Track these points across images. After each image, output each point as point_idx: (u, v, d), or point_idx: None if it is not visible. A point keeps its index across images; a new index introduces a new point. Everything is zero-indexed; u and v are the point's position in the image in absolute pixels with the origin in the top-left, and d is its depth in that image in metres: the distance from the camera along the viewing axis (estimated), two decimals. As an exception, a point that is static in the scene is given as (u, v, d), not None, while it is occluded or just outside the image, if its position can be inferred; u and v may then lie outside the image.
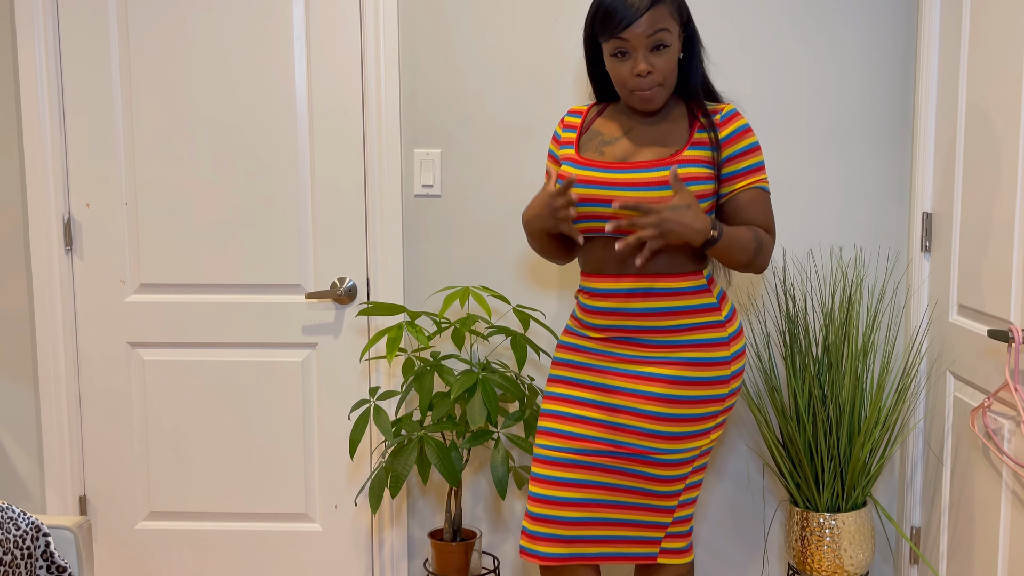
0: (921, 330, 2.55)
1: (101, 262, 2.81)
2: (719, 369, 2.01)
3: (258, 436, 2.84)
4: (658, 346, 2.00)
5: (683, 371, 1.99)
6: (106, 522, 2.89)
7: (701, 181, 1.97)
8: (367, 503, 2.83)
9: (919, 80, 2.54)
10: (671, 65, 1.96)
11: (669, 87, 1.99)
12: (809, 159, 2.65)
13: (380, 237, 2.74)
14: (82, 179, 2.79)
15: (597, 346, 2.05)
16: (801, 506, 2.49)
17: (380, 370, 2.79)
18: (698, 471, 2.10)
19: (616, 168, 1.98)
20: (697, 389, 2.00)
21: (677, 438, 2.00)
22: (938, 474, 2.47)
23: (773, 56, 2.63)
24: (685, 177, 1.95)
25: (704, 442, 2.05)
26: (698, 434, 2.03)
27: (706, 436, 2.05)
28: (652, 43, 1.92)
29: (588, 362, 2.06)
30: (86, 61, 2.74)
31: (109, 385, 2.85)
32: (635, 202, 1.84)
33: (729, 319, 2.05)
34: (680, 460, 2.03)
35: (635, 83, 1.95)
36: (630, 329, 2.01)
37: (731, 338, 2.03)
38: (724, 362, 2.02)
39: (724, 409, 2.05)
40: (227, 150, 2.75)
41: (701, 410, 2.01)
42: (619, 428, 2.01)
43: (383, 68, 2.68)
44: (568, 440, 2.04)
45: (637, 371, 2.01)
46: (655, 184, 1.94)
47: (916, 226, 2.58)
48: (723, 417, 2.07)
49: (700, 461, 2.09)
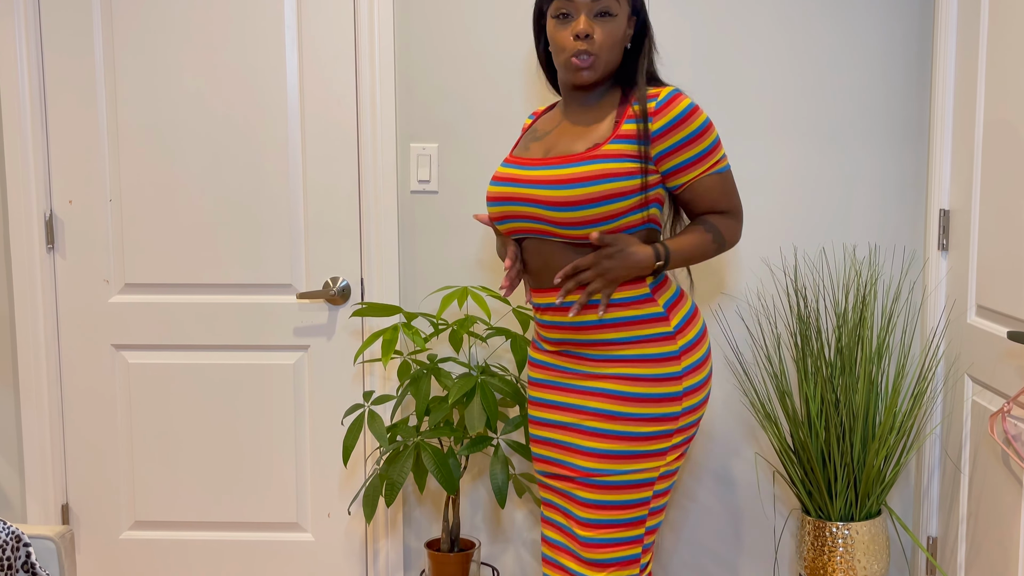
0: (938, 332, 2.55)
1: (84, 261, 2.81)
2: (668, 385, 1.92)
3: (248, 442, 2.83)
4: (604, 361, 1.95)
5: (628, 386, 1.92)
6: (89, 532, 2.89)
7: (621, 177, 1.89)
8: (361, 512, 2.82)
9: (936, 70, 2.54)
10: (613, 38, 1.92)
11: (605, 64, 1.93)
12: (821, 153, 2.64)
13: (375, 235, 2.73)
14: (64, 175, 2.78)
15: (552, 360, 2.03)
16: (813, 515, 2.49)
17: (375, 373, 2.78)
18: (662, 495, 2.00)
19: (531, 165, 1.97)
20: (643, 406, 1.91)
21: (622, 457, 1.92)
22: (956, 482, 2.46)
23: (786, 46, 2.62)
24: (602, 174, 1.89)
25: (658, 463, 1.95)
26: (648, 455, 1.93)
27: (660, 457, 1.94)
28: (597, 8, 1.91)
29: (545, 378, 2.05)
30: (69, 53, 2.74)
31: (93, 389, 2.84)
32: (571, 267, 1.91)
33: (680, 330, 1.95)
34: (626, 483, 1.93)
35: (572, 46, 1.91)
36: (576, 343, 1.98)
37: (682, 351, 1.94)
38: (673, 378, 1.92)
39: (679, 428, 1.95)
40: (215, 144, 2.74)
41: (648, 429, 1.92)
42: (565, 447, 1.98)
43: (378, 59, 2.68)
44: (537, 462, 2.10)
45: (583, 386, 1.97)
46: (559, 182, 1.90)
47: (933, 223, 2.57)
48: (680, 437, 1.97)
49: (663, 484, 1.99)
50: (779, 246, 2.68)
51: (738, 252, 2.68)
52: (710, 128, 1.93)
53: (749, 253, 2.68)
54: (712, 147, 1.94)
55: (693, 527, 2.78)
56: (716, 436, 2.75)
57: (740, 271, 2.69)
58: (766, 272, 2.69)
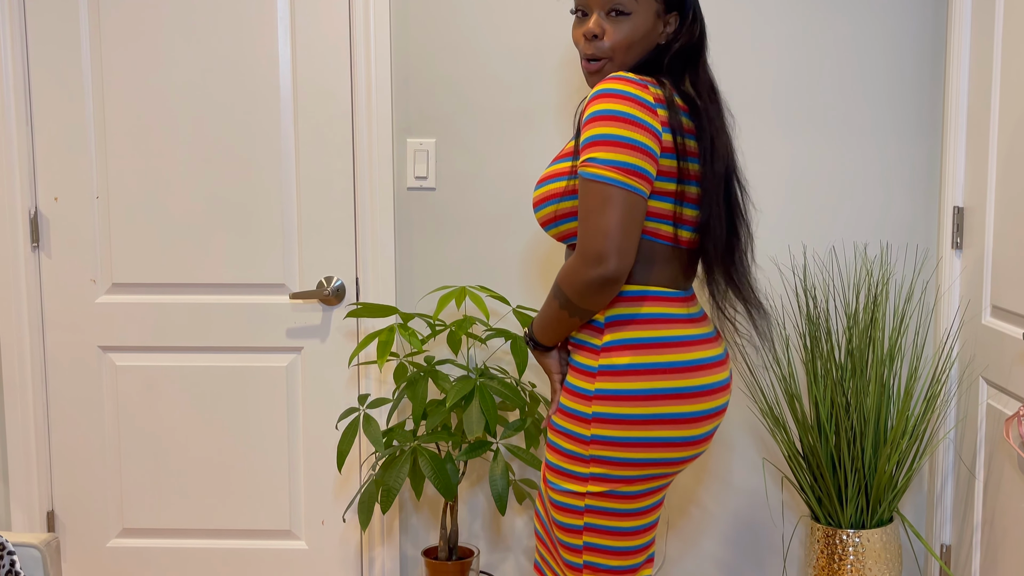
0: (952, 333, 2.54)
1: (70, 260, 2.80)
2: (578, 402, 1.77)
3: (239, 447, 2.82)
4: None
5: (563, 396, 1.82)
6: (75, 539, 2.88)
7: (558, 178, 1.79)
8: (356, 519, 2.82)
9: (950, 62, 2.53)
10: (629, 39, 1.78)
11: (621, 67, 1.80)
12: (831, 148, 2.64)
13: (370, 233, 2.72)
14: (50, 171, 2.78)
15: None
16: (823, 522, 2.49)
17: (370, 376, 2.77)
18: (598, 533, 1.80)
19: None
20: (562, 418, 1.80)
21: (551, 469, 1.82)
22: (970, 488, 2.46)
23: (794, 37, 2.62)
24: (554, 174, 1.80)
25: (579, 488, 1.78)
26: (568, 474, 1.79)
27: (581, 483, 1.77)
28: (610, 5, 1.79)
29: None
30: (55, 44, 2.73)
31: (79, 392, 2.83)
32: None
33: (609, 348, 1.75)
34: (562, 504, 1.81)
35: (583, 47, 1.83)
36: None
37: (600, 371, 1.75)
38: (583, 395, 1.77)
39: (593, 458, 1.75)
40: (206, 139, 2.74)
41: (565, 444, 1.79)
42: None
43: (374, 51, 2.67)
44: None
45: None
46: (537, 200, 1.84)
47: (946, 221, 2.56)
48: (600, 470, 1.76)
49: (595, 519, 1.79)
50: (787, 244, 2.67)
51: (745, 251, 2.68)
52: (607, 120, 1.66)
53: (757, 252, 2.66)
54: (593, 141, 1.66)
55: (698, 534, 2.78)
56: (722, 440, 2.75)
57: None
58: (774, 271, 2.68)
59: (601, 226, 1.64)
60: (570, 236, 1.81)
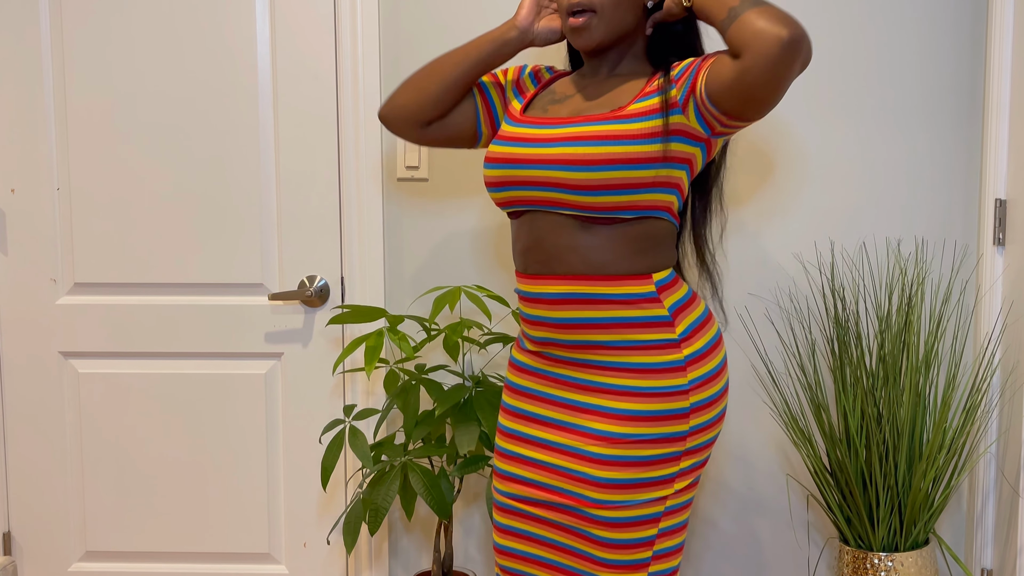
0: (993, 338, 2.54)
1: (28, 257, 2.80)
2: (674, 400, 1.90)
3: (213, 462, 2.82)
4: (600, 368, 1.92)
5: (630, 403, 1.90)
6: (34, 563, 2.88)
7: (646, 139, 1.86)
8: (341, 541, 2.81)
9: (991, 45, 2.53)
10: None
11: (609, 23, 1.92)
12: (862, 137, 2.64)
13: (357, 228, 2.72)
14: (5, 160, 2.78)
15: (538, 364, 2.00)
16: (852, 544, 2.49)
17: (357, 385, 2.77)
18: (669, 534, 1.96)
19: (551, 124, 1.95)
20: (647, 425, 1.89)
21: (624, 487, 1.90)
22: (1013, 507, 2.46)
23: (825, 20, 2.61)
24: (627, 135, 1.86)
25: (664, 493, 1.92)
26: (653, 482, 1.90)
27: (668, 485, 1.92)
28: None
29: (529, 386, 2.01)
30: (10, 23, 2.73)
31: (37, 402, 2.84)
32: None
33: (687, 337, 1.92)
34: (633, 518, 1.91)
35: (568, 3, 1.93)
36: (565, 345, 1.95)
37: (688, 362, 1.91)
38: (679, 392, 1.90)
39: (687, 451, 1.92)
40: (176, 126, 2.74)
41: (653, 452, 1.90)
42: (560, 472, 1.94)
43: (360, 28, 2.67)
44: (507, 483, 2.03)
45: (579, 401, 1.94)
46: (579, 140, 1.88)
47: (988, 215, 2.56)
48: (689, 462, 1.93)
49: (670, 520, 1.95)
50: (814, 240, 2.67)
51: (767, 247, 2.67)
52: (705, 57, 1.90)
53: (780, 248, 2.67)
54: (710, 56, 1.87)
55: (715, 558, 2.77)
56: (742, 455, 2.74)
57: (769, 269, 2.68)
58: (799, 270, 2.68)
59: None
60: (627, 208, 1.88)
